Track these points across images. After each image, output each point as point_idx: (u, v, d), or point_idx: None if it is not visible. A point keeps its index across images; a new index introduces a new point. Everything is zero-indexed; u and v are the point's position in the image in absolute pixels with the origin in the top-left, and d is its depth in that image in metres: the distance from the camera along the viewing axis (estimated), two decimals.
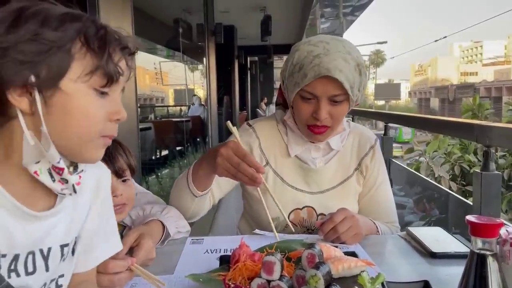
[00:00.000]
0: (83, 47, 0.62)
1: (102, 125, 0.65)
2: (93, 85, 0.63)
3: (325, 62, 1.07)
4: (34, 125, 0.61)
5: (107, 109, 0.65)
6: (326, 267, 0.76)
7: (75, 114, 0.62)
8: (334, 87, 1.09)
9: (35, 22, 0.60)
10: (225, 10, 7.05)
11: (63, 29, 0.61)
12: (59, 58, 0.60)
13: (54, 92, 0.61)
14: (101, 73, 0.63)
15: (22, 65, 0.59)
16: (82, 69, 0.62)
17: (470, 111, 4.37)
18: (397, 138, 17.83)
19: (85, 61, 0.62)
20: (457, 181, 3.92)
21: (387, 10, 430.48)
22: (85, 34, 0.62)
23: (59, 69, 0.61)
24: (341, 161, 1.28)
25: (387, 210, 1.31)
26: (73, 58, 0.61)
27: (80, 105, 0.62)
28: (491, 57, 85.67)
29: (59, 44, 0.60)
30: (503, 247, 0.75)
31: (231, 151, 0.98)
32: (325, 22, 10.27)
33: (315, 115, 1.12)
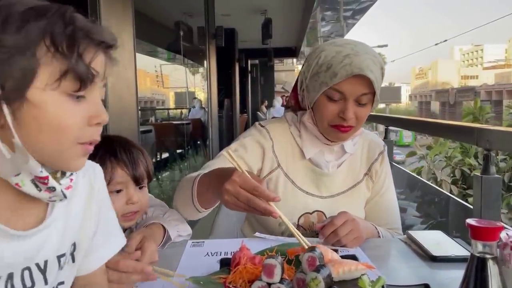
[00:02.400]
0: (49, 49, 0.55)
1: (78, 132, 0.58)
2: (64, 91, 0.56)
3: (357, 62, 1.08)
4: (7, 137, 0.56)
5: (85, 113, 0.59)
6: (326, 270, 0.76)
7: (47, 124, 0.56)
8: (363, 87, 1.11)
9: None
10: (226, 14, 7.07)
11: (26, 30, 0.54)
12: (22, 65, 0.54)
13: (22, 103, 0.54)
14: (72, 77, 0.56)
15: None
16: (50, 75, 0.55)
17: (471, 115, 4.38)
18: (398, 142, 17.83)
19: (52, 66, 0.55)
20: (458, 185, 3.91)
21: (388, 14, 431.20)
22: (51, 34, 0.55)
23: (23, 79, 0.54)
24: (352, 166, 1.28)
25: (391, 216, 1.31)
26: (38, 63, 0.54)
27: (52, 114, 0.56)
28: (491, 61, 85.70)
29: (22, 50, 0.54)
30: (503, 250, 0.75)
31: (238, 187, 0.89)
32: (325, 25, 10.27)
33: (342, 115, 1.13)
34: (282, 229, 1.22)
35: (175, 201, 1.18)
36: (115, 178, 0.98)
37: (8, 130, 0.55)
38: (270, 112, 11.45)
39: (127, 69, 2.64)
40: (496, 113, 11.67)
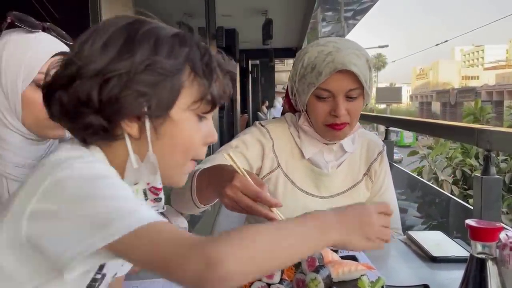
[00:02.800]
0: (191, 74, 0.62)
1: (198, 149, 0.66)
2: (197, 112, 0.64)
3: (339, 58, 1.09)
4: (138, 148, 0.62)
5: (203, 133, 0.66)
6: (326, 271, 0.76)
7: (180, 140, 0.63)
8: (350, 82, 1.11)
9: (148, 47, 0.59)
10: (227, 14, 7.07)
11: (174, 56, 0.60)
12: (171, 87, 0.60)
13: (164, 120, 0.61)
14: (206, 100, 0.63)
15: (141, 97, 0.59)
16: (191, 97, 0.62)
17: (472, 115, 4.37)
18: (399, 142, 17.82)
19: (193, 89, 0.62)
20: (458, 185, 3.91)
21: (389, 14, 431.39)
22: (192, 61, 0.62)
23: (170, 99, 0.61)
24: (351, 166, 1.29)
25: (391, 216, 1.30)
26: (183, 86, 0.61)
27: (185, 132, 0.63)
28: (492, 61, 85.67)
29: (172, 74, 0.60)
30: (502, 251, 0.75)
31: (239, 192, 0.85)
32: (326, 26, 10.28)
33: (333, 112, 1.13)
34: None
35: (173, 194, 1.17)
36: None
37: (144, 143, 0.61)
38: (270, 113, 11.45)
39: None
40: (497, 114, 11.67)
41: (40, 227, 0.55)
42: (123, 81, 0.58)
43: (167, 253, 0.50)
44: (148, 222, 0.51)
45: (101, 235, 0.51)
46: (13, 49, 0.85)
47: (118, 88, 0.58)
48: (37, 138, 0.90)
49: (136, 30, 0.60)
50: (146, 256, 0.51)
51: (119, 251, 0.52)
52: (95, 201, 0.53)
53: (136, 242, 0.51)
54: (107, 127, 0.59)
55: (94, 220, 0.52)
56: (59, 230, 0.54)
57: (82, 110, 0.58)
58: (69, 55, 0.61)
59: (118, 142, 0.62)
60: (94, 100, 0.58)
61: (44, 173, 0.57)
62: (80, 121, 0.59)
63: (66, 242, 0.53)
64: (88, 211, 0.53)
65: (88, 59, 0.58)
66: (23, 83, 0.85)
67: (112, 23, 0.61)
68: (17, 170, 0.87)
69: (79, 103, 0.58)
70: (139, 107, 0.59)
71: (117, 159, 0.63)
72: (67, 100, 0.59)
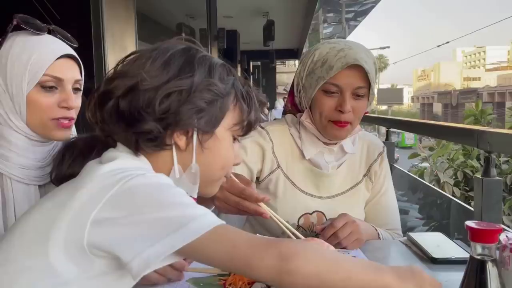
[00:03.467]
0: (234, 99, 0.71)
1: (231, 167, 0.76)
2: (235, 133, 0.73)
3: (352, 54, 1.12)
4: (181, 159, 0.69)
5: (234, 154, 0.75)
6: None
7: (219, 156, 0.72)
8: (358, 79, 1.13)
9: (204, 70, 0.68)
10: (228, 15, 7.08)
11: (225, 81, 0.70)
12: (220, 107, 0.69)
13: (210, 136, 0.69)
14: (243, 124, 0.73)
15: (199, 112, 0.67)
16: (232, 120, 0.71)
17: (472, 116, 4.36)
18: (400, 143, 17.80)
19: (235, 113, 0.71)
20: (460, 187, 3.90)
21: (390, 16, 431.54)
22: (236, 88, 0.71)
23: (219, 117, 0.69)
24: (351, 167, 1.29)
25: (391, 217, 1.31)
26: (228, 109, 0.70)
27: (225, 150, 0.72)
28: (494, 63, 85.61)
29: (223, 95, 0.69)
30: (502, 252, 0.75)
31: (226, 191, 0.91)
32: (327, 27, 10.31)
33: (339, 108, 1.14)
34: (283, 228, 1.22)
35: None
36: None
37: (188, 155, 0.69)
38: (271, 114, 11.45)
39: None
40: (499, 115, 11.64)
41: (106, 233, 0.58)
42: (185, 96, 0.65)
43: (247, 252, 0.57)
44: (221, 223, 0.58)
45: (180, 236, 0.56)
46: (19, 51, 0.86)
47: (179, 101, 0.65)
48: (42, 140, 0.90)
49: (193, 55, 0.69)
50: (225, 254, 0.57)
51: (195, 252, 0.58)
52: (168, 206, 0.59)
53: (215, 241, 0.57)
54: (161, 135, 0.66)
55: (170, 223, 0.57)
56: (130, 234, 0.57)
57: (143, 115, 0.65)
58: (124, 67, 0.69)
59: (164, 152, 0.68)
60: (156, 108, 0.64)
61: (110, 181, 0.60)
62: (139, 126, 0.65)
63: (140, 246, 0.56)
64: (162, 215, 0.58)
65: (149, 73, 0.65)
66: (28, 85, 0.86)
67: (170, 46, 0.70)
68: (22, 171, 0.87)
69: (141, 110, 0.65)
70: (193, 121, 0.67)
71: (161, 169, 0.68)
72: (126, 107, 0.65)
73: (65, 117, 0.90)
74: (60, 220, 0.59)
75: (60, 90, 0.89)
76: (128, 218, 0.58)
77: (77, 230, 0.58)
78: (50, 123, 0.89)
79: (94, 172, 0.62)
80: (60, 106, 0.89)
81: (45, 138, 0.91)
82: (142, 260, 0.56)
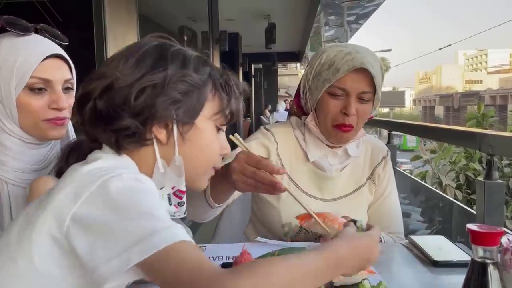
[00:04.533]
0: (213, 89, 0.71)
1: (217, 158, 0.75)
2: (216, 123, 0.73)
3: (359, 57, 1.12)
4: (164, 153, 0.69)
5: (220, 144, 0.75)
6: None
7: (202, 147, 0.72)
8: (364, 84, 1.13)
9: (178, 62, 0.69)
10: (230, 18, 7.09)
11: (200, 72, 0.70)
12: (198, 98, 0.69)
13: (190, 127, 0.69)
14: (224, 113, 0.73)
15: (174, 103, 0.67)
16: (212, 109, 0.71)
17: (474, 119, 4.36)
18: (402, 146, 17.76)
19: (214, 102, 0.72)
20: (462, 190, 3.89)
21: (391, 18, 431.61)
22: (214, 78, 0.71)
23: (197, 108, 0.69)
24: (354, 170, 1.29)
25: (393, 220, 1.31)
26: (207, 98, 0.70)
27: (207, 139, 0.72)
28: (496, 65, 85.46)
29: (199, 86, 0.69)
30: (504, 255, 0.74)
31: (243, 162, 0.91)
32: (329, 30, 10.31)
33: (344, 110, 1.14)
34: (285, 230, 1.22)
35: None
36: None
37: (170, 148, 0.69)
38: (273, 117, 11.46)
39: None
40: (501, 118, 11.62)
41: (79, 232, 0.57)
42: (159, 89, 0.66)
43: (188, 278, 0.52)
44: (180, 240, 0.55)
45: (137, 250, 0.54)
46: (5, 55, 0.85)
47: (154, 94, 0.66)
48: (37, 142, 0.90)
49: (166, 49, 0.69)
50: (170, 277, 0.54)
51: (150, 269, 0.55)
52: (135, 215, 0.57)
53: (166, 260, 0.54)
54: (140, 131, 0.66)
55: (131, 235, 0.55)
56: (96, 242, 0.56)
57: (119, 113, 0.65)
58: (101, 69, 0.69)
59: (146, 148, 0.68)
60: (131, 104, 0.65)
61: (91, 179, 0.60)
62: (117, 123, 0.65)
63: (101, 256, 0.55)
64: (127, 224, 0.56)
65: (123, 72, 0.66)
66: (16, 89, 0.85)
67: (143, 44, 0.70)
68: (18, 175, 0.87)
69: (117, 107, 0.65)
70: (171, 113, 0.67)
71: (144, 165, 0.68)
72: (103, 106, 0.66)
73: (57, 118, 0.89)
74: (42, 222, 0.59)
75: (50, 91, 0.88)
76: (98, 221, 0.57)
77: (58, 229, 0.58)
78: (42, 124, 0.88)
79: (75, 172, 0.63)
80: (51, 108, 0.88)
81: (40, 139, 0.90)
82: (100, 274, 0.55)
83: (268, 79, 14.28)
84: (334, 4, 7.04)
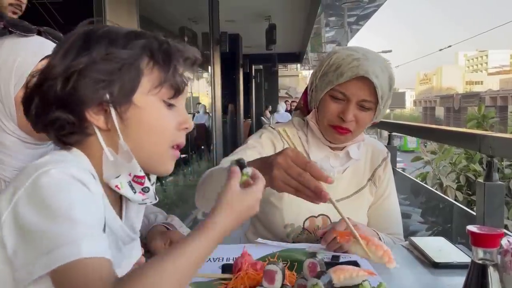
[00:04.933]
0: (150, 62, 0.65)
1: (173, 135, 0.68)
2: (162, 97, 0.66)
3: (364, 65, 1.11)
4: (111, 140, 0.65)
5: (175, 119, 0.68)
6: (327, 276, 0.76)
7: (149, 125, 0.66)
8: (366, 92, 1.13)
9: (104, 42, 0.64)
10: (231, 20, 7.10)
11: (130, 46, 0.64)
12: (130, 74, 0.64)
13: (128, 106, 0.64)
14: (169, 86, 0.66)
15: (98, 84, 0.62)
16: (151, 83, 0.65)
17: (475, 120, 4.36)
18: (402, 147, 17.76)
19: (153, 75, 0.65)
20: (462, 191, 3.89)
21: (392, 19, 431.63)
22: (150, 49, 0.65)
23: (131, 85, 0.64)
24: (356, 171, 1.29)
25: (392, 221, 1.31)
26: (142, 73, 0.65)
27: (152, 117, 0.66)
28: (496, 66, 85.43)
29: (129, 61, 0.64)
30: (504, 257, 0.74)
31: (290, 160, 0.83)
32: (329, 31, 10.31)
33: (341, 115, 1.14)
34: (288, 231, 1.22)
35: (201, 196, 1.11)
36: None
37: (114, 133, 0.64)
38: (274, 117, 11.45)
39: None
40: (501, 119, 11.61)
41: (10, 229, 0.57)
42: (83, 74, 0.62)
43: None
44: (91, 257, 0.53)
45: (44, 262, 0.52)
46: (6, 55, 0.87)
47: (78, 80, 0.62)
48: (35, 142, 0.90)
49: (93, 33, 0.65)
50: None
51: (54, 281, 0.53)
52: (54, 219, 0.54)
53: (64, 277, 0.52)
54: (74, 121, 0.63)
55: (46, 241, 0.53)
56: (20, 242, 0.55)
57: (50, 108, 0.63)
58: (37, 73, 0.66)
59: (91, 138, 0.65)
60: (58, 95, 0.62)
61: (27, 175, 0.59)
62: (48, 117, 0.63)
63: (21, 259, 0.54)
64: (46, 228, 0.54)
65: (52, 66, 0.63)
66: (15, 87, 0.86)
67: (71, 34, 0.66)
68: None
69: (46, 102, 0.63)
70: (100, 95, 0.62)
71: (95, 157, 0.65)
72: (37, 105, 0.64)
73: None
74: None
75: None
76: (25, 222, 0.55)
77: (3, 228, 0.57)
78: None
79: (22, 170, 0.62)
80: None
81: (39, 139, 0.90)
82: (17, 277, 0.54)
83: (268, 80, 14.28)
84: (335, 5, 7.05)
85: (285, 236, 1.23)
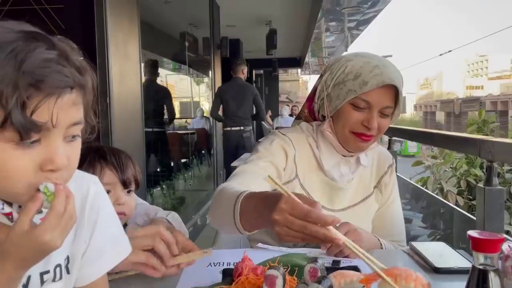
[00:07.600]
0: None
1: (32, 177, 0.55)
2: (8, 140, 0.53)
3: (388, 73, 1.12)
4: None
5: (36, 158, 0.55)
6: (328, 281, 0.76)
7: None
8: (388, 99, 1.15)
9: None
10: (231, 25, 7.13)
11: None
12: None
13: None
14: (12, 127, 0.51)
15: None
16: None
17: (475, 124, 4.36)
18: (403, 152, 17.74)
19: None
20: (463, 196, 3.88)
21: (392, 24, 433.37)
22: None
23: None
24: (362, 179, 1.29)
25: (395, 228, 1.31)
26: None
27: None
28: (496, 71, 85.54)
29: None
30: (505, 262, 0.74)
31: (288, 214, 0.77)
32: (330, 36, 10.32)
33: (366, 123, 1.15)
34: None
35: (212, 217, 1.10)
36: (104, 179, 1.01)
37: None
38: (278, 121, 11.41)
39: (132, 79, 2.66)
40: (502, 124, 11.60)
41: None
42: None
43: None
44: None
45: None
46: None
47: None
48: None
49: None
50: None
51: None
52: None
53: None
54: None
55: None
56: None
57: None
58: None
59: None
60: None
61: None
62: None
63: None
64: None
65: None
66: None
67: None
68: None
69: None
70: None
71: None
72: None
73: None
74: None
75: None
76: None
77: None
78: None
79: None
80: None
81: None
82: None
83: (269, 84, 14.31)
84: (335, 10, 7.05)
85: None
